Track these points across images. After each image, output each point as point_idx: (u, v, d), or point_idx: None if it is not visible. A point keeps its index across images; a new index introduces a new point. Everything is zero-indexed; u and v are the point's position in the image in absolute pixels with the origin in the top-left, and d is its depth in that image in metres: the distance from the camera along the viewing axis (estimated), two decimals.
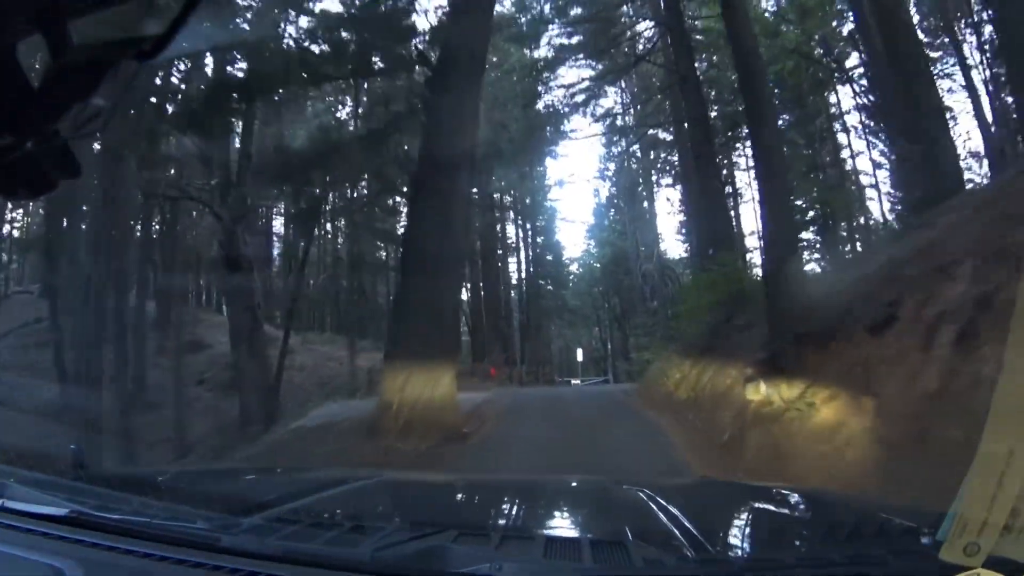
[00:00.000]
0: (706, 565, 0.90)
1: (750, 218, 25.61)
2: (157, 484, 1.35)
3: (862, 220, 21.25)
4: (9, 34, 0.55)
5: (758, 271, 12.70)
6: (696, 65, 16.01)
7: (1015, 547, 0.68)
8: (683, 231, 32.88)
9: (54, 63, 0.56)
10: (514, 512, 1.57)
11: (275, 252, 25.66)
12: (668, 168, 30.38)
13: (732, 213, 20.63)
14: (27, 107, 0.57)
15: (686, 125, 16.38)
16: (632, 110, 24.22)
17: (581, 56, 19.12)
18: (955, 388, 3.33)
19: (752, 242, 21.78)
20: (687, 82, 14.60)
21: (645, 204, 33.68)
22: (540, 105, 19.73)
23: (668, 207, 33.57)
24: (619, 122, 23.77)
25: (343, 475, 2.07)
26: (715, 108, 18.47)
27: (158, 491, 1.31)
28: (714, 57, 18.07)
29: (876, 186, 20.75)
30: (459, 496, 1.82)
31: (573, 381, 27.48)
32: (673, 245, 34.63)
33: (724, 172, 20.06)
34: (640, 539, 0.96)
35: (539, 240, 32.42)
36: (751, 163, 23.94)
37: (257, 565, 0.87)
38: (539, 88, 19.37)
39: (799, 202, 21.83)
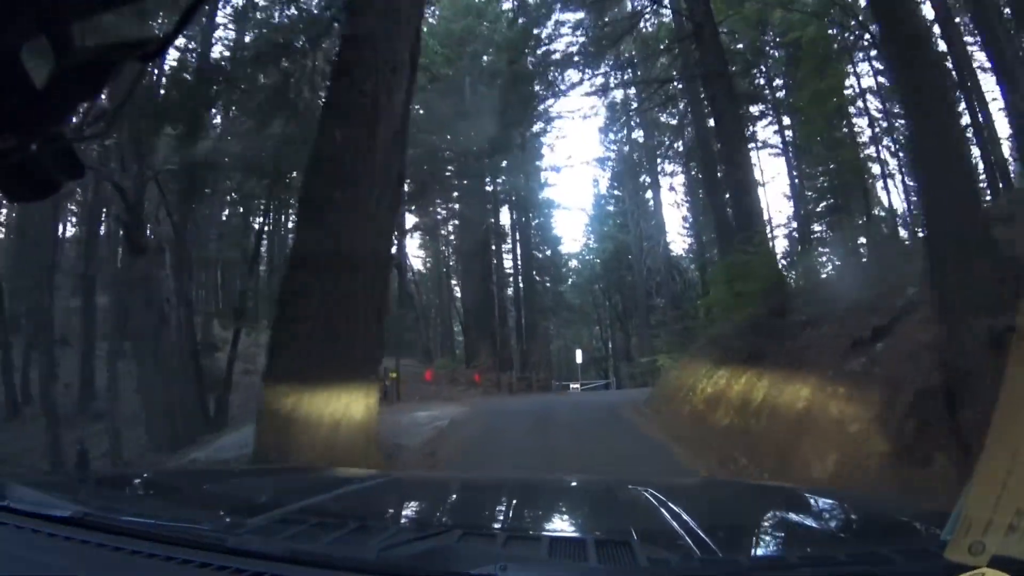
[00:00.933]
0: (711, 565, 0.96)
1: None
2: (162, 485, 1.42)
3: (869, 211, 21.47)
4: (13, 35, 0.58)
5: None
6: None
7: (1020, 546, 0.72)
8: (688, 223, 33.04)
9: (58, 64, 0.60)
10: (519, 512, 1.66)
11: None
12: (672, 155, 30.18)
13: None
14: (31, 108, 0.60)
15: (702, 95, 15.73)
16: (635, 71, 23.31)
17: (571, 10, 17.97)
18: None
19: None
20: (703, 30, 13.66)
21: (648, 194, 33.43)
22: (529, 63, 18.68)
23: (672, 197, 33.41)
24: (617, 82, 22.55)
25: (348, 475, 2.21)
26: None
27: (163, 492, 1.39)
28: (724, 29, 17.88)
29: (892, 174, 20.91)
30: (464, 496, 1.91)
31: (572, 386, 27.23)
32: (676, 240, 34.78)
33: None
34: (645, 539, 1.03)
35: (534, 235, 32.02)
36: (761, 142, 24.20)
37: (262, 565, 0.93)
38: (527, 41, 18.34)
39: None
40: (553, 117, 26.64)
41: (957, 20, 14.70)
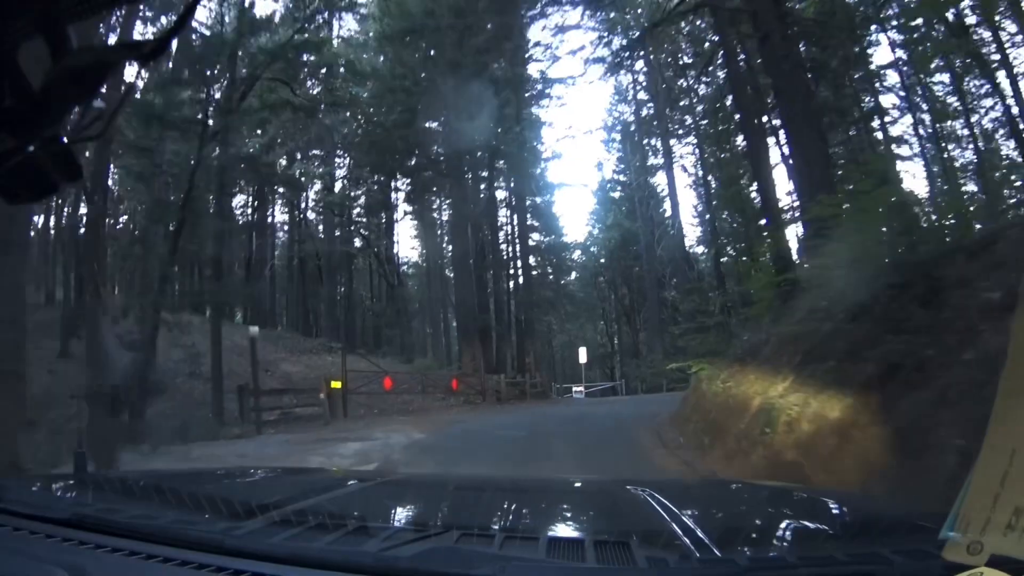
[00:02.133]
0: (710, 565, 1.06)
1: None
2: (160, 486, 1.51)
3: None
4: (10, 37, 0.63)
5: None
6: None
7: (1018, 546, 0.79)
8: (697, 211, 32.82)
9: (55, 66, 0.65)
10: (517, 513, 1.79)
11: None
12: (683, 131, 30.26)
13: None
14: (28, 110, 0.65)
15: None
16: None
17: None
18: None
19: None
20: None
21: (658, 177, 33.50)
22: None
23: (685, 179, 33.46)
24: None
25: (347, 476, 2.38)
26: None
27: (161, 493, 1.47)
28: None
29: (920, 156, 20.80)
30: (462, 497, 2.05)
31: (575, 389, 26.84)
32: (686, 228, 34.63)
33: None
34: (643, 539, 1.12)
35: (532, 218, 31.54)
36: None
37: (261, 566, 1.02)
38: None
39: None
40: (552, 81, 26.45)
41: None
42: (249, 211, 29.74)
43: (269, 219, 32.55)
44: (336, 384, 14.69)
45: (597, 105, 56.58)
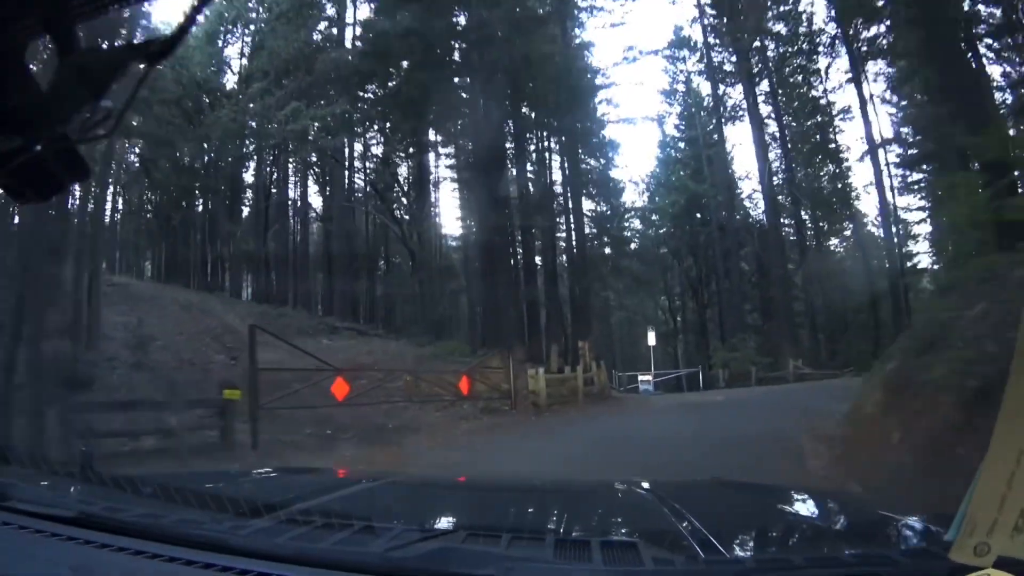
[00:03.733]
0: (716, 565, 1.20)
1: None
2: (165, 485, 1.69)
3: None
4: (18, 36, 0.74)
5: None
6: None
7: None
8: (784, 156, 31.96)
9: (63, 66, 0.76)
10: (523, 513, 1.99)
11: None
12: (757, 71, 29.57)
13: None
14: (36, 110, 0.76)
15: None
16: None
17: None
18: None
19: None
20: None
21: (728, 131, 33.31)
22: None
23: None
24: None
25: (353, 476, 2.60)
26: None
27: (167, 492, 1.65)
28: None
29: None
30: (469, 497, 2.26)
31: (641, 379, 25.81)
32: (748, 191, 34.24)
33: None
34: (650, 540, 1.27)
35: (587, 172, 30.52)
36: None
37: (267, 566, 1.17)
38: None
39: None
40: None
41: None
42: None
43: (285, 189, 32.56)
44: (232, 394, 9.97)
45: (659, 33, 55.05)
